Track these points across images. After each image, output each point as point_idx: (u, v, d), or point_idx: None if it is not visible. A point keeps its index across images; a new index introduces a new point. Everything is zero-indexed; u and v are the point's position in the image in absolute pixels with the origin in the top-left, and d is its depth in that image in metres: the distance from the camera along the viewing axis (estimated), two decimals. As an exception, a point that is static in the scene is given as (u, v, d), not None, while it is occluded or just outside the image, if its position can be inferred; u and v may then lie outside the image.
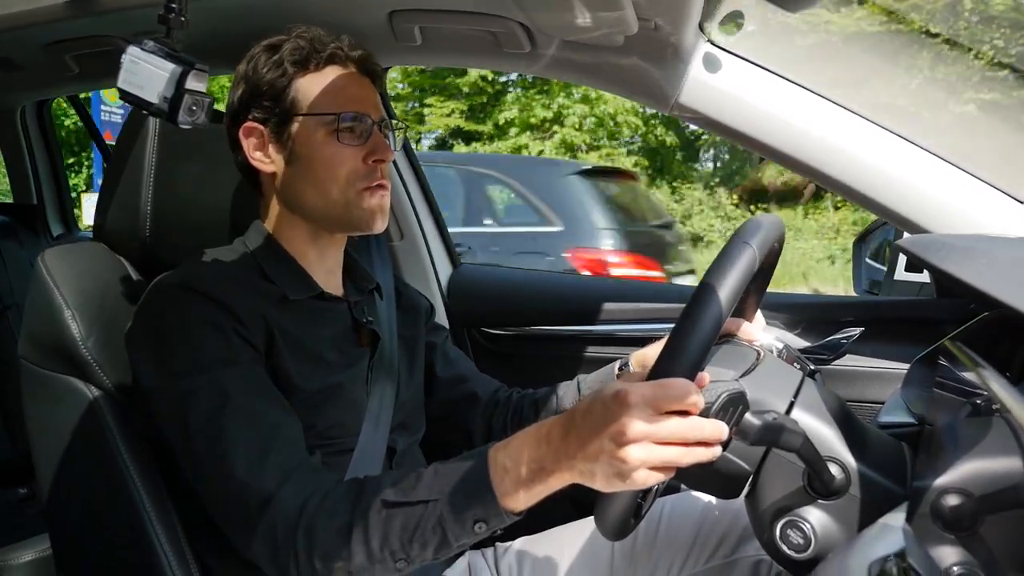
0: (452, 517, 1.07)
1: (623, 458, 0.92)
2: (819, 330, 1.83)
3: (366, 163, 1.36)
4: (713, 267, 1.03)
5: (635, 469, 0.93)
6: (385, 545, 1.09)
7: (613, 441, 0.93)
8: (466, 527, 1.07)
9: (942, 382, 1.05)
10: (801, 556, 1.05)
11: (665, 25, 1.41)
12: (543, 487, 1.03)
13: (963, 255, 1.17)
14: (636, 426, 0.92)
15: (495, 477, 1.05)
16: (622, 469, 0.93)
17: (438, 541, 1.08)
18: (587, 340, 2.14)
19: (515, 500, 1.05)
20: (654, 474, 0.93)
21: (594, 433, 0.96)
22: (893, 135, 1.47)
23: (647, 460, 0.92)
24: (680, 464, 0.94)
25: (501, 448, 1.07)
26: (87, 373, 1.36)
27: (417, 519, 1.08)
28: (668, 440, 0.93)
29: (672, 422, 0.93)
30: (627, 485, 0.95)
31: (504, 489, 1.04)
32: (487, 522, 1.07)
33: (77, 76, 2.10)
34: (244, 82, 1.39)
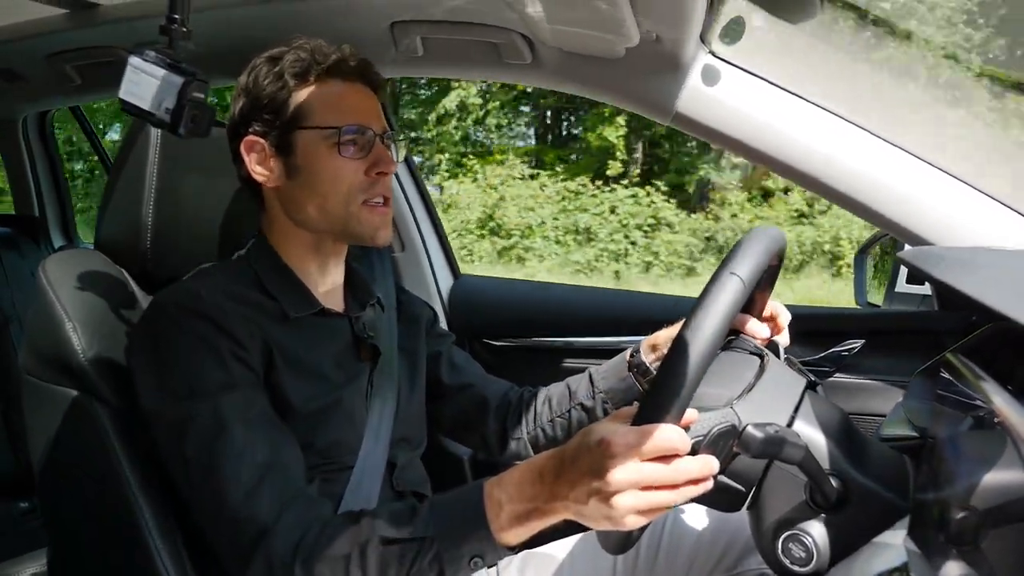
0: (448, 553, 1.07)
1: (612, 505, 0.94)
2: (821, 342, 1.83)
3: (368, 176, 1.35)
4: (698, 302, 1.01)
5: (624, 515, 0.94)
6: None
7: (601, 489, 0.94)
8: (462, 563, 1.08)
9: (943, 395, 1.05)
10: (803, 570, 1.05)
11: (666, 36, 1.41)
12: (538, 523, 1.04)
13: (964, 267, 1.17)
14: (621, 476, 0.93)
15: (491, 513, 1.06)
16: (611, 515, 0.95)
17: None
18: (589, 351, 2.14)
19: (510, 536, 1.06)
20: (644, 518, 0.95)
21: (582, 479, 0.97)
22: (894, 147, 1.47)
23: (635, 506, 0.94)
24: (670, 505, 0.95)
25: (496, 484, 1.08)
26: (88, 385, 1.36)
27: (414, 555, 1.08)
28: (655, 485, 0.94)
29: (657, 469, 0.94)
30: (619, 528, 0.96)
31: (499, 525, 1.05)
32: (483, 557, 1.08)
33: (79, 87, 2.11)
34: (245, 95, 1.38)
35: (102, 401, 1.36)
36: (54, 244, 3.19)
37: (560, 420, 1.60)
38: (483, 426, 1.65)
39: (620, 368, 1.55)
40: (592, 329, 2.17)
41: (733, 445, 1.02)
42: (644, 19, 1.35)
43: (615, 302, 2.29)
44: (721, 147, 1.58)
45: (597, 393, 1.55)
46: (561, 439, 1.58)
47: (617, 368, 1.56)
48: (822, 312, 2.17)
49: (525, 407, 1.65)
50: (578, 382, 1.62)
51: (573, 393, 1.60)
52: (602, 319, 2.18)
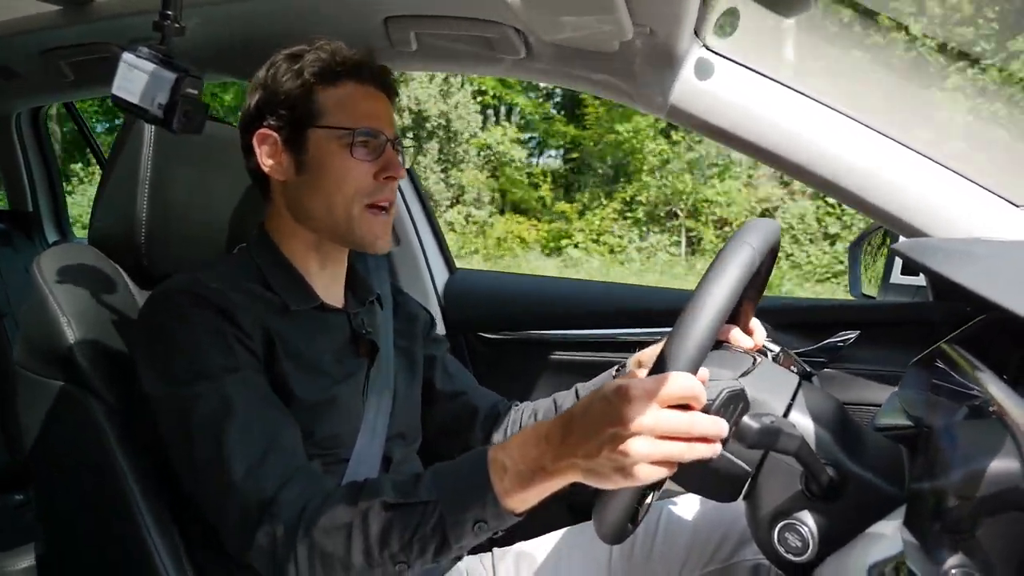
0: (452, 518, 1.07)
1: (625, 451, 0.92)
2: (816, 333, 1.84)
3: (376, 179, 1.37)
4: (712, 266, 1.03)
5: (636, 463, 0.92)
6: (385, 547, 1.09)
7: (615, 436, 0.93)
8: (466, 528, 1.07)
9: (939, 385, 1.05)
10: (799, 559, 1.05)
11: (660, 30, 1.41)
12: (543, 487, 1.03)
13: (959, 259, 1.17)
14: (638, 419, 0.92)
15: (495, 477, 1.05)
16: (624, 464, 0.93)
17: (438, 543, 1.08)
18: (584, 344, 2.14)
19: (515, 500, 1.05)
20: (656, 469, 0.93)
21: (595, 429, 0.95)
22: (889, 139, 1.47)
23: (650, 454, 0.92)
24: (683, 459, 0.94)
25: (500, 449, 1.07)
26: (82, 379, 1.36)
27: (417, 520, 1.08)
28: (670, 434, 0.92)
29: (674, 415, 0.93)
30: (629, 481, 0.94)
31: (504, 488, 1.05)
32: (487, 522, 1.07)
33: (72, 83, 2.11)
34: (262, 89, 1.39)
35: (96, 394, 1.36)
36: (48, 239, 3.19)
37: None
38: (469, 435, 1.65)
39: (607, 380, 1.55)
40: (587, 322, 2.17)
41: (741, 410, 1.02)
42: (638, 13, 1.35)
43: (610, 295, 2.30)
44: (715, 140, 1.58)
45: None
46: None
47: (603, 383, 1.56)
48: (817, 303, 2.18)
49: (512, 421, 1.66)
50: (564, 398, 1.63)
51: (559, 408, 1.61)
52: (597, 312, 2.18)
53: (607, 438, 0.94)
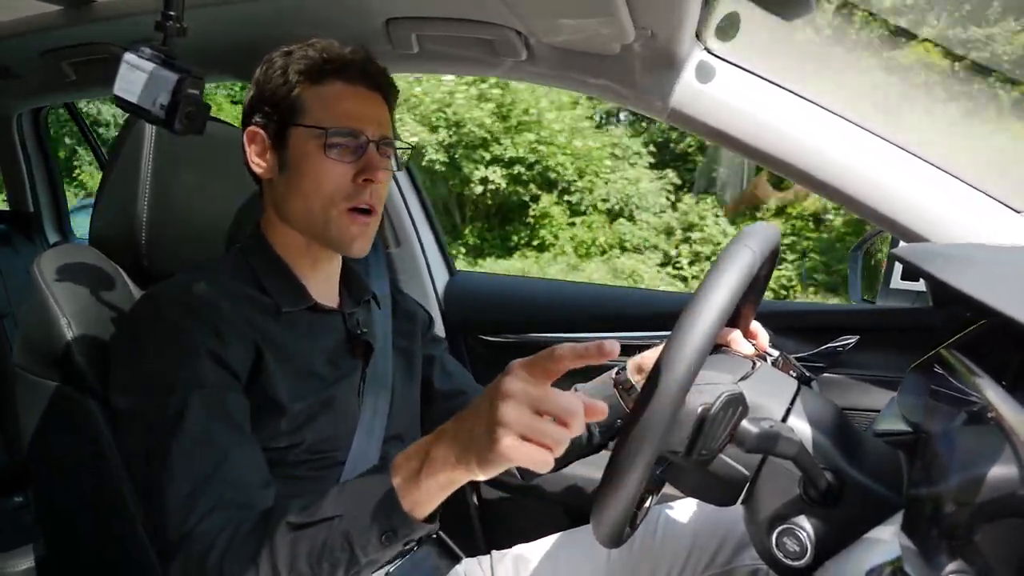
0: (356, 530, 1.04)
1: (496, 418, 0.91)
2: (815, 338, 1.83)
3: (355, 182, 1.34)
4: (711, 270, 1.03)
5: (506, 428, 0.90)
6: (293, 571, 1.05)
7: (490, 403, 0.93)
8: (372, 539, 1.04)
9: (938, 390, 1.05)
10: (797, 564, 1.05)
11: (661, 33, 1.41)
12: (432, 481, 1.00)
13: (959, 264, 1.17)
14: (514, 384, 0.92)
15: (395, 479, 1.03)
16: (494, 431, 0.91)
17: (347, 559, 1.05)
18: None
19: (413, 500, 1.01)
20: (523, 445, 0.91)
21: (476, 405, 0.96)
22: (889, 144, 1.47)
23: (518, 421, 0.91)
24: (547, 440, 0.91)
25: (403, 452, 1.06)
26: (81, 380, 1.36)
27: (323, 538, 1.05)
28: (545, 407, 0.92)
29: (551, 390, 0.93)
30: (496, 454, 0.91)
31: (403, 490, 1.02)
32: (395, 532, 1.03)
33: (74, 83, 2.11)
34: (255, 86, 1.39)
35: (95, 396, 1.36)
36: (49, 240, 3.19)
37: None
38: None
39: (605, 386, 1.54)
40: (588, 325, 2.17)
41: (740, 414, 1.02)
42: (639, 15, 1.35)
43: (610, 299, 2.30)
44: (716, 143, 1.58)
45: None
46: None
47: (602, 385, 1.55)
48: (817, 308, 2.18)
49: None
50: None
51: None
52: (598, 315, 2.18)
53: (483, 407, 0.94)
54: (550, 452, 0.92)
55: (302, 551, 1.05)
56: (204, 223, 1.59)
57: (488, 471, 0.95)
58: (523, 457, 0.91)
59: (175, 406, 1.18)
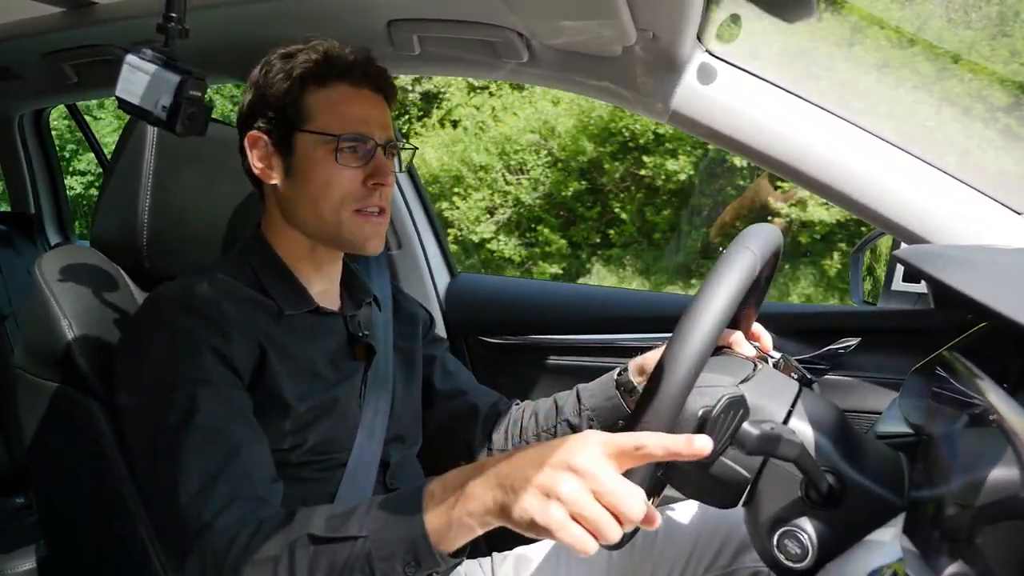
0: (381, 555, 1.01)
1: (556, 487, 0.88)
2: (816, 340, 1.83)
3: (365, 186, 1.35)
4: (713, 272, 1.03)
5: (561, 503, 0.87)
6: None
7: (554, 466, 0.89)
8: (395, 567, 1.00)
9: (939, 392, 1.05)
10: (799, 566, 1.05)
11: (663, 35, 1.41)
12: (465, 518, 0.96)
13: (961, 266, 1.17)
14: (589, 463, 0.88)
15: (427, 505, 1.00)
16: (547, 497, 0.88)
17: None
18: (585, 349, 2.14)
19: (441, 534, 0.98)
20: (571, 525, 0.87)
21: (535, 455, 0.92)
22: (890, 145, 1.47)
23: (577, 502, 0.87)
24: (599, 530, 0.88)
25: (438, 478, 1.02)
26: (83, 382, 1.36)
27: (344, 558, 1.02)
28: (607, 499, 0.88)
29: (621, 482, 0.88)
30: (540, 520, 0.88)
31: (432, 522, 0.98)
32: (419, 563, 1.00)
33: (75, 85, 2.11)
34: (254, 89, 1.38)
35: (97, 397, 1.36)
36: (50, 241, 3.19)
37: (545, 435, 1.58)
38: (469, 434, 1.64)
39: (607, 386, 1.54)
40: (589, 327, 2.17)
41: (740, 417, 1.02)
42: (640, 17, 1.35)
43: (611, 300, 2.30)
44: (718, 145, 1.58)
45: (583, 410, 1.54)
46: None
47: (604, 386, 1.55)
48: (818, 310, 2.18)
49: (512, 420, 1.65)
50: (565, 398, 1.61)
51: (560, 409, 1.59)
52: (599, 318, 2.18)
53: (547, 467, 0.90)
54: (594, 540, 0.88)
55: (322, 566, 1.03)
56: (205, 225, 1.59)
57: (523, 529, 0.91)
58: (567, 536, 0.88)
59: (183, 403, 1.18)
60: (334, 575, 1.03)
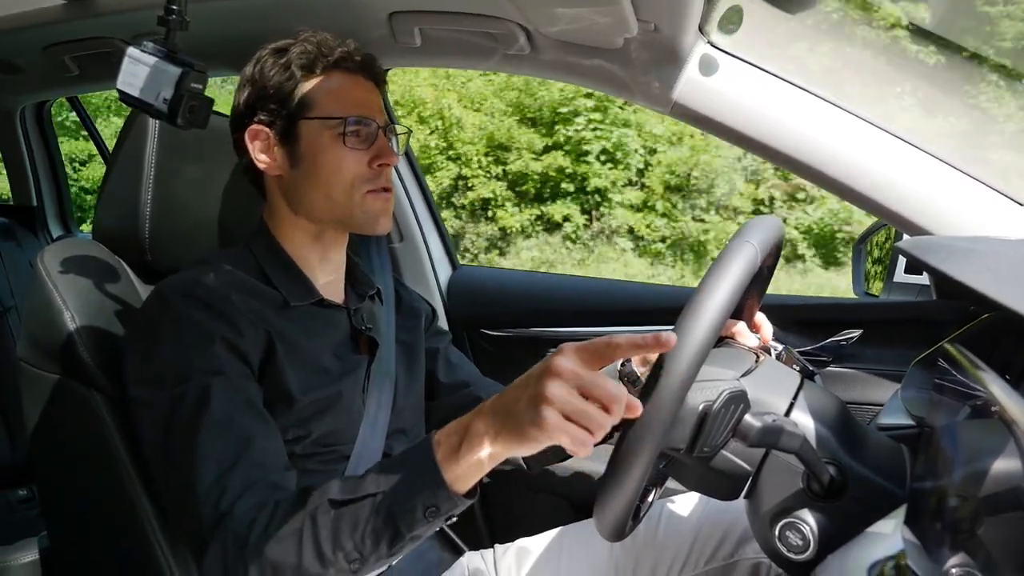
0: (400, 506, 1.06)
1: (543, 394, 0.94)
2: (818, 332, 1.83)
3: (371, 167, 1.37)
4: (715, 264, 1.03)
5: (551, 405, 0.94)
6: (337, 547, 1.07)
7: (538, 379, 0.96)
8: (416, 515, 1.05)
9: (941, 384, 1.05)
10: (800, 558, 1.05)
11: (664, 27, 1.41)
12: (472, 456, 1.03)
13: (963, 257, 1.17)
14: (565, 364, 0.95)
15: (438, 454, 1.05)
16: (539, 406, 0.94)
17: (391, 535, 1.06)
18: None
19: (454, 475, 1.04)
20: (566, 424, 0.94)
21: (521, 382, 1.00)
22: (893, 136, 1.47)
23: (565, 400, 0.94)
24: (590, 422, 0.94)
25: (440, 430, 1.08)
26: (85, 374, 1.36)
27: (367, 514, 1.07)
28: (591, 391, 0.95)
29: (599, 375, 0.96)
30: (539, 429, 0.95)
31: (444, 466, 1.04)
32: (438, 507, 1.05)
33: (77, 77, 2.11)
34: (250, 85, 1.39)
35: (99, 390, 1.36)
36: (52, 234, 3.19)
37: None
38: None
39: (611, 377, 1.54)
40: (591, 319, 2.17)
41: (741, 411, 1.02)
42: (642, 9, 1.35)
43: (613, 292, 2.29)
44: (720, 137, 1.58)
45: None
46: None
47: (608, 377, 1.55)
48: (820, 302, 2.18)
49: None
50: None
51: None
52: (601, 310, 2.18)
53: (531, 383, 0.97)
54: (590, 435, 0.95)
55: (345, 527, 1.07)
56: (207, 217, 1.59)
57: (528, 446, 0.98)
58: (565, 435, 0.94)
59: (195, 394, 1.19)
60: (357, 535, 1.06)
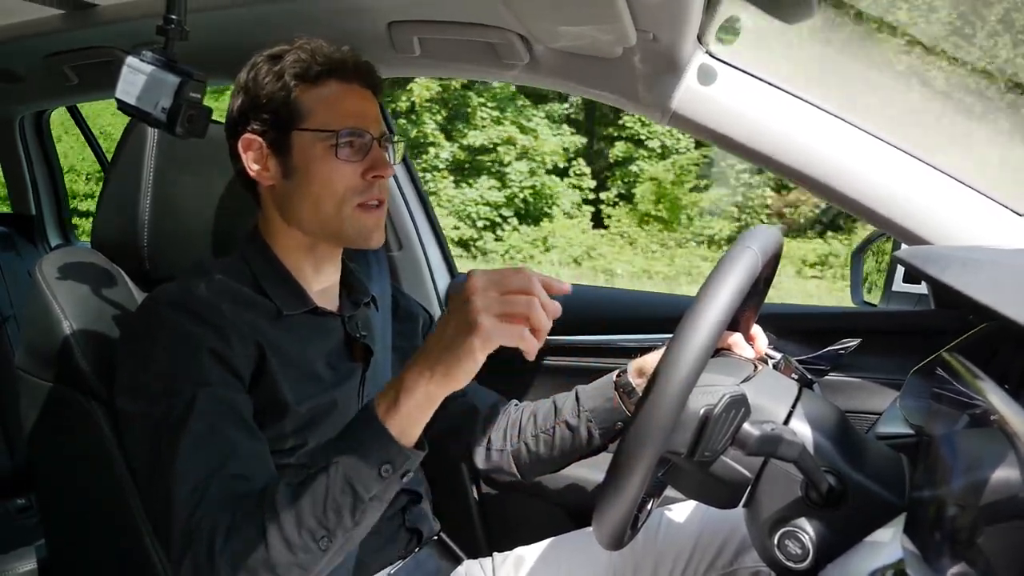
0: (355, 468, 1.06)
1: (468, 309, 0.97)
2: (817, 341, 1.83)
3: (364, 179, 1.35)
4: (713, 273, 1.03)
5: (483, 312, 0.97)
6: (302, 528, 1.06)
7: (461, 304, 0.99)
8: (371, 474, 1.06)
9: (940, 393, 1.05)
10: (799, 567, 1.05)
11: (663, 37, 1.41)
12: (411, 402, 1.05)
13: (962, 267, 1.17)
14: (477, 279, 0.99)
15: (379, 412, 1.07)
16: (468, 319, 0.97)
17: (351, 502, 1.06)
18: (585, 350, 2.14)
19: (400, 428, 1.06)
20: (501, 325, 0.98)
21: (444, 319, 1.03)
22: (891, 146, 1.47)
23: (490, 307, 0.97)
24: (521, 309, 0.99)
25: (378, 394, 1.10)
26: (84, 383, 1.36)
27: (324, 487, 1.06)
28: (508, 286, 0.99)
29: (508, 270, 1.01)
30: (477, 337, 0.97)
31: (388, 420, 1.06)
32: (391, 462, 1.07)
33: (76, 87, 2.11)
34: (244, 92, 1.38)
35: (97, 398, 1.36)
36: (51, 243, 3.19)
37: (544, 436, 1.58)
38: (469, 435, 1.64)
39: (606, 388, 1.54)
40: (589, 327, 2.17)
41: (742, 416, 1.02)
42: (641, 19, 1.35)
43: (611, 301, 2.29)
44: (718, 146, 1.58)
45: (582, 411, 1.54)
46: (544, 455, 1.58)
47: (603, 388, 1.55)
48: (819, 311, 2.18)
49: (511, 420, 1.64)
50: (564, 400, 1.60)
51: (559, 410, 1.58)
52: (599, 318, 2.18)
53: (455, 313, 1.00)
54: (527, 326, 0.99)
55: (306, 506, 1.07)
56: (206, 226, 1.59)
57: (466, 367, 1.01)
58: (505, 334, 0.98)
59: (180, 405, 1.18)
60: (319, 510, 1.07)
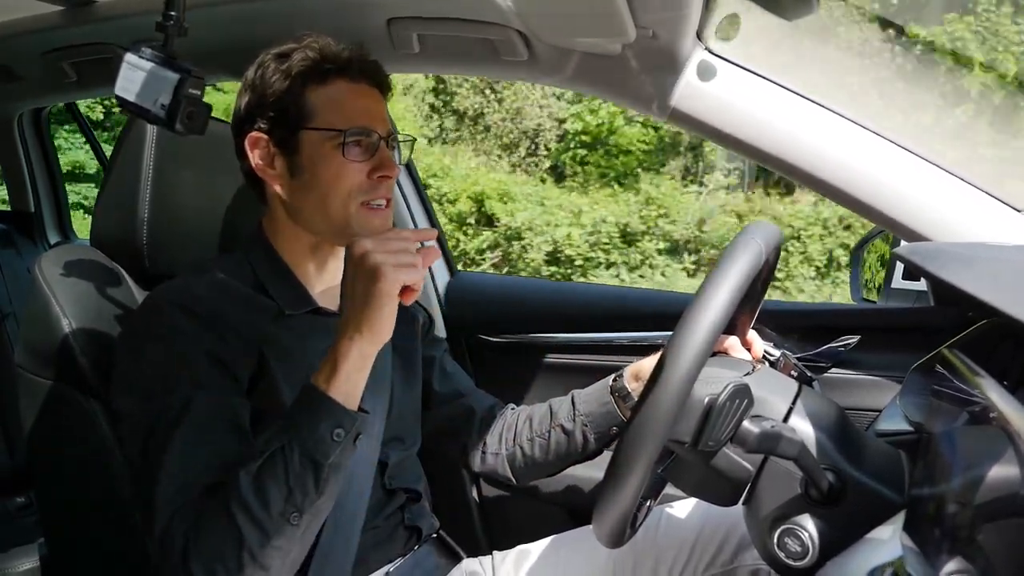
0: (310, 440, 1.11)
1: (369, 263, 1.10)
2: (817, 338, 1.83)
3: (371, 178, 1.35)
4: (713, 271, 1.03)
5: (383, 266, 1.09)
6: (269, 507, 1.08)
7: (357, 265, 1.11)
8: (326, 440, 1.11)
9: (939, 390, 1.05)
10: (799, 564, 1.05)
11: (662, 33, 1.41)
12: (347, 364, 1.13)
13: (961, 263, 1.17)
14: (364, 242, 1.12)
15: (320, 385, 1.13)
16: (371, 272, 1.10)
17: (313, 473, 1.11)
18: (585, 348, 2.14)
19: (343, 392, 1.13)
20: (398, 268, 1.11)
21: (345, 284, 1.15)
22: (891, 143, 1.47)
23: (387, 255, 1.10)
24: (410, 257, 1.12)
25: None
26: (83, 381, 1.36)
27: (284, 464, 1.10)
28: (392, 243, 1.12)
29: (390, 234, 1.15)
30: (384, 282, 1.10)
31: (330, 388, 1.12)
32: (342, 425, 1.12)
33: (75, 84, 2.11)
34: (251, 90, 1.38)
35: (97, 396, 1.36)
36: (50, 240, 3.18)
37: (539, 440, 1.58)
38: (466, 437, 1.64)
39: (602, 392, 1.54)
40: (588, 325, 2.17)
41: (746, 406, 1.02)
42: (640, 16, 1.35)
43: (611, 299, 2.29)
44: (717, 143, 1.58)
45: (578, 416, 1.54)
46: (539, 459, 1.58)
47: (599, 392, 1.55)
48: (818, 308, 2.18)
49: (507, 423, 1.65)
50: (560, 403, 1.61)
51: (554, 414, 1.59)
52: (598, 316, 2.18)
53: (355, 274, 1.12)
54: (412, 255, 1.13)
55: (269, 486, 1.09)
56: (205, 223, 1.59)
57: (385, 312, 1.12)
58: (406, 275, 1.11)
59: (174, 407, 1.18)
60: (283, 487, 1.10)
